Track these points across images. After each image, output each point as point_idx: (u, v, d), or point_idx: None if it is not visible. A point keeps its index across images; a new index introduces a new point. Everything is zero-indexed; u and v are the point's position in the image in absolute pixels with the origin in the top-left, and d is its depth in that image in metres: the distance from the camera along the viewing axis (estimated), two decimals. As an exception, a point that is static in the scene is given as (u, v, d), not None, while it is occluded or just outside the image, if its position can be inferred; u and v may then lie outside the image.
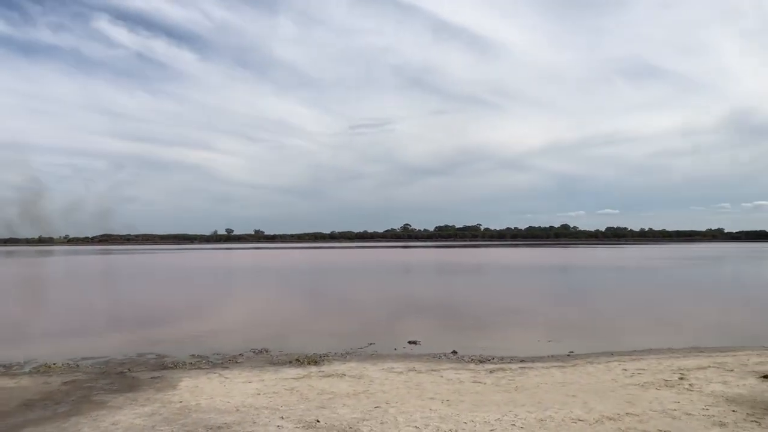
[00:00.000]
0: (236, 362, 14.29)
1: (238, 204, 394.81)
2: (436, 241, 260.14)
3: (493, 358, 14.39)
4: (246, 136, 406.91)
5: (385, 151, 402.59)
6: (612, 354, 14.86)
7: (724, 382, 11.16)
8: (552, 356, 14.76)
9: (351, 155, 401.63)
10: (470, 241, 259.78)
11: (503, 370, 12.91)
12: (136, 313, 25.36)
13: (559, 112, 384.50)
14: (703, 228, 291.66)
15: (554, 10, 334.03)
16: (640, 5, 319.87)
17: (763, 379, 11.43)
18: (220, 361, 14.38)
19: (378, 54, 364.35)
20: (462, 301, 29.45)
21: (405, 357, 14.70)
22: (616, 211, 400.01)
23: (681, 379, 11.55)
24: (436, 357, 14.63)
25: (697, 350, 15.44)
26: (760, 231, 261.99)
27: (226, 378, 12.33)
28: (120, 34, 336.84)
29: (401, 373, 12.54)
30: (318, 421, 8.78)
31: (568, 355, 14.88)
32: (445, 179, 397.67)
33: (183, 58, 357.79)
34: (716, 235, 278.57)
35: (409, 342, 16.73)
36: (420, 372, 12.61)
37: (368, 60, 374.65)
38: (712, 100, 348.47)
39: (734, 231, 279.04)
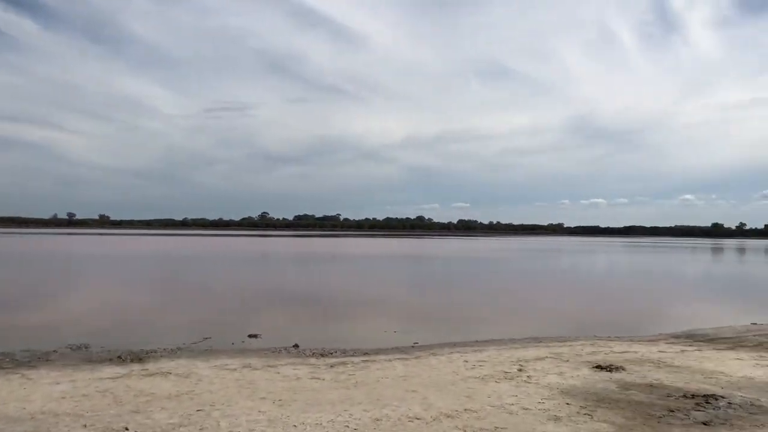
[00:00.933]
0: (47, 360, 12.56)
1: (83, 187, 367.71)
2: (295, 230, 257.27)
3: (335, 351, 13.76)
4: (95, 114, 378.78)
5: (244, 137, 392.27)
6: (455, 345, 14.76)
7: (560, 374, 11.27)
8: (396, 348, 14.39)
9: (208, 139, 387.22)
10: (329, 230, 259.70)
11: (345, 364, 12.31)
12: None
13: (419, 106, 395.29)
14: (545, 222, 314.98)
15: (416, 7, 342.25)
16: (496, 10, 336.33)
17: (595, 369, 11.68)
18: (28, 359, 12.57)
19: (239, 36, 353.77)
20: (313, 291, 28.73)
21: (242, 352, 13.66)
22: (468, 205, 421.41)
23: (520, 370, 11.54)
24: (276, 351, 13.74)
25: (536, 340, 15.76)
26: (595, 226, 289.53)
27: (30, 379, 10.71)
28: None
29: (234, 370, 11.54)
30: (127, 429, 7.66)
31: (412, 347, 14.60)
32: (306, 168, 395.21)
33: (23, 26, 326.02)
34: (557, 229, 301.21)
35: (249, 336, 15.70)
36: (255, 369, 11.67)
37: (229, 42, 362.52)
38: (557, 103, 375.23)
39: (572, 226, 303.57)
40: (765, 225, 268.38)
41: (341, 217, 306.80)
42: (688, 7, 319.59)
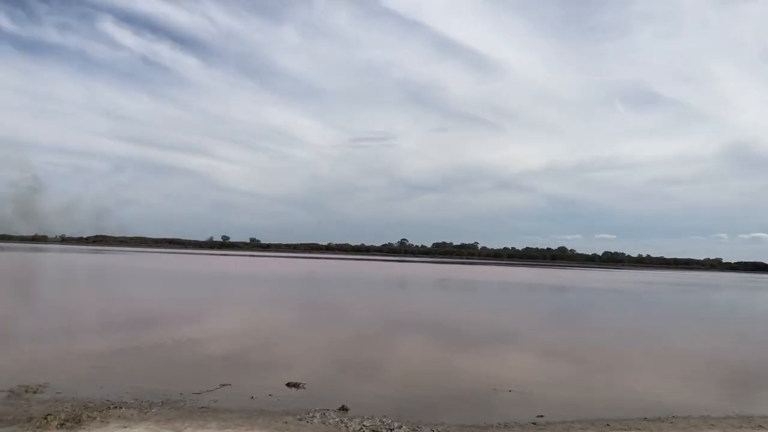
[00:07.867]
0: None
1: (236, 212, 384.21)
2: (432, 257, 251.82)
3: (400, 426, 8.31)
4: (247, 144, 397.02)
5: (385, 166, 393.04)
6: (607, 424, 8.72)
7: None
8: (505, 425, 8.66)
9: (351, 168, 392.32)
10: (467, 258, 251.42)
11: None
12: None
13: (558, 134, 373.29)
14: (701, 257, 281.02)
15: (555, 32, 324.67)
16: (644, 33, 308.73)
17: None
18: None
19: (381, 68, 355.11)
20: (425, 320, 23.28)
21: (249, 416, 8.57)
22: (613, 236, 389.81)
23: None
24: (304, 417, 8.53)
25: (744, 420, 9.32)
26: (759, 262, 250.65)
27: None
28: (125, 36, 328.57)
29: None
30: None
31: (534, 424, 8.77)
32: (444, 196, 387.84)
33: (187, 63, 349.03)
34: (714, 265, 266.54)
35: (288, 384, 10.65)
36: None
37: (371, 73, 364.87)
38: (711, 129, 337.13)
39: (732, 261, 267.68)
40: None
41: (479, 246, 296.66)
42: None
